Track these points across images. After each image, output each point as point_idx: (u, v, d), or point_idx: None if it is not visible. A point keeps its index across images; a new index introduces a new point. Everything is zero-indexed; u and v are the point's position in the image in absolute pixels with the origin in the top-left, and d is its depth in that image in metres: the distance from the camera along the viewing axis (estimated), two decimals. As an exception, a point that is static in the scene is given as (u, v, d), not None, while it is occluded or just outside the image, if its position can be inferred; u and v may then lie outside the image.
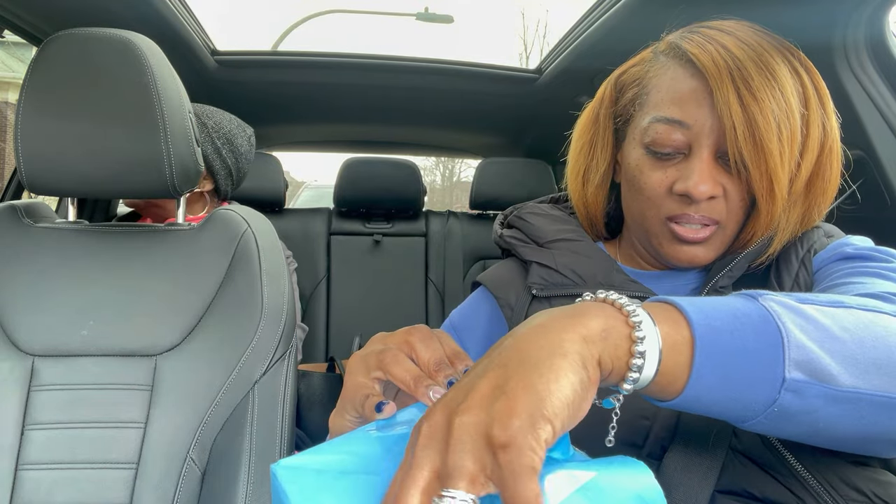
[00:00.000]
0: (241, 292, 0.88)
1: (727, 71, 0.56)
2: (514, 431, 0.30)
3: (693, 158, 0.59)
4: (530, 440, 0.30)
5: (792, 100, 0.56)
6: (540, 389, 0.32)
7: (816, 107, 0.58)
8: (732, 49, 0.57)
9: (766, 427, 0.41)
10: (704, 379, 0.39)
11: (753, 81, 0.55)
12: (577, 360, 0.34)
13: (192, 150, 0.92)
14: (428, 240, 2.15)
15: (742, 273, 0.62)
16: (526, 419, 0.30)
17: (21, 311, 0.86)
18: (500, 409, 0.31)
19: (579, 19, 1.43)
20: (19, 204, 0.95)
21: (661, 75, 0.62)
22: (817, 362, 0.39)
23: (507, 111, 2.07)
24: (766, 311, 0.41)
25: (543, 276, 0.66)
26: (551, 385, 0.32)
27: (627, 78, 0.68)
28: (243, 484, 0.79)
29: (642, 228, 0.65)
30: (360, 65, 1.77)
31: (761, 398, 0.39)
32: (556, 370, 0.33)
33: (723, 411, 0.40)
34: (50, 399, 0.83)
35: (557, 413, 0.31)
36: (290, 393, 0.87)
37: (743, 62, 0.56)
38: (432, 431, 0.32)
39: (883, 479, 0.51)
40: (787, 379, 0.38)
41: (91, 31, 0.86)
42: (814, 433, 0.41)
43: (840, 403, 0.40)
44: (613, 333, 0.38)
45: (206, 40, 1.61)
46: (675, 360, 0.39)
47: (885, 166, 0.96)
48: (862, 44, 0.97)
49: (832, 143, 0.60)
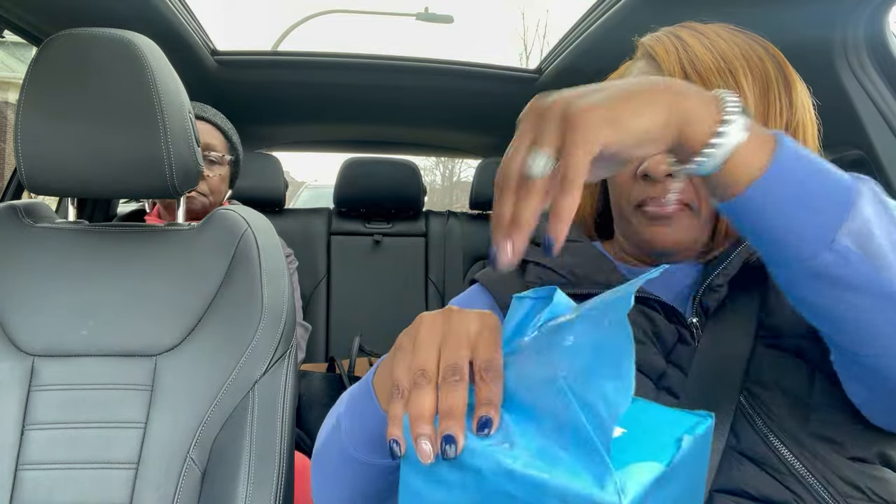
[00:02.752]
0: (241, 292, 0.88)
1: (676, 55, 0.59)
2: (586, 122, 0.38)
3: None
4: (594, 130, 0.38)
5: (743, 81, 0.58)
6: (620, 109, 0.39)
7: (778, 90, 0.60)
8: (687, 39, 0.61)
9: (798, 285, 0.43)
10: (771, 186, 0.41)
11: (699, 62, 0.58)
12: (664, 108, 0.40)
13: (192, 150, 0.92)
14: (428, 240, 2.15)
15: (737, 271, 0.62)
16: (597, 118, 0.38)
17: (21, 310, 0.86)
18: (583, 104, 0.39)
19: (579, 19, 1.43)
20: (19, 204, 0.95)
21: (629, 73, 0.66)
22: (870, 240, 0.40)
23: (507, 111, 2.06)
24: (852, 182, 0.42)
25: (540, 276, 0.66)
26: (632, 113, 0.39)
27: None
28: (243, 484, 0.79)
29: (622, 220, 0.66)
30: (360, 65, 1.77)
31: (809, 243, 0.41)
32: (643, 104, 0.40)
33: (770, 235, 0.42)
34: (50, 399, 0.83)
35: (624, 132, 0.39)
36: (290, 393, 0.87)
37: (694, 49, 0.59)
38: (534, 112, 0.41)
39: (880, 476, 0.51)
40: (836, 239, 0.40)
41: (91, 31, 0.86)
42: (837, 317, 0.43)
43: (874, 295, 0.41)
44: (703, 106, 0.41)
45: (206, 40, 1.61)
46: (752, 153, 0.41)
47: (885, 166, 0.96)
48: (862, 43, 0.97)
49: (798, 124, 0.60)
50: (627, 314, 0.35)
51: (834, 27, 0.95)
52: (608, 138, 0.38)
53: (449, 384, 0.38)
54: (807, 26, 0.96)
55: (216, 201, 1.48)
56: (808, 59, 0.62)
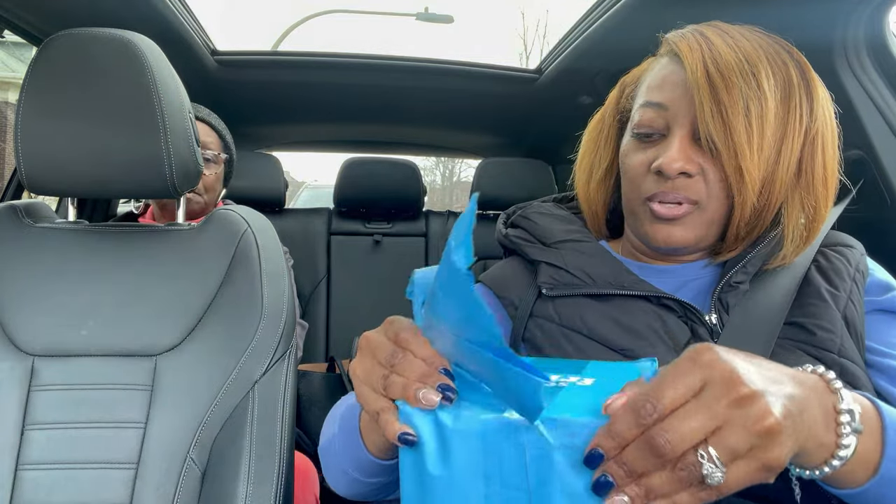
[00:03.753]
0: (241, 292, 0.88)
1: (700, 53, 0.59)
2: (781, 448, 0.36)
3: (670, 137, 0.61)
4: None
5: (765, 83, 0.58)
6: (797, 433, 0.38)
7: (800, 96, 0.59)
8: (712, 38, 0.60)
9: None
10: (883, 487, 0.42)
11: (723, 61, 0.58)
12: (795, 441, 0.38)
13: (192, 150, 0.92)
14: (428, 240, 2.14)
15: (757, 269, 0.63)
16: (789, 445, 0.37)
17: (21, 311, 0.86)
18: (780, 424, 0.36)
19: (579, 19, 1.43)
20: (19, 204, 0.95)
21: (652, 69, 0.66)
22: None
23: (507, 111, 2.07)
24: None
25: (553, 276, 0.67)
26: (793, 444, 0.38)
27: (629, 78, 0.71)
28: (243, 484, 0.79)
29: (631, 213, 0.67)
30: (360, 65, 1.77)
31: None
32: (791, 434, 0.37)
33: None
34: (50, 399, 0.83)
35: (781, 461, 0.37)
36: (290, 393, 0.87)
37: (718, 48, 0.59)
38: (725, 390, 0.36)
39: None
40: None
41: (91, 31, 0.85)
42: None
43: None
44: (824, 431, 0.41)
45: (206, 40, 1.61)
46: (862, 459, 0.42)
47: (885, 166, 0.96)
48: (862, 44, 0.97)
49: (817, 133, 0.60)
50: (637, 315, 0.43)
51: (834, 27, 0.95)
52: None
53: (402, 362, 0.43)
54: (807, 26, 0.96)
55: (211, 200, 1.49)
56: (809, 59, 0.62)
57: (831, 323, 0.58)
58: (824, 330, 0.58)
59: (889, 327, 0.61)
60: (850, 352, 0.57)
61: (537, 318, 0.66)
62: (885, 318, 0.61)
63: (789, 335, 0.59)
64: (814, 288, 0.61)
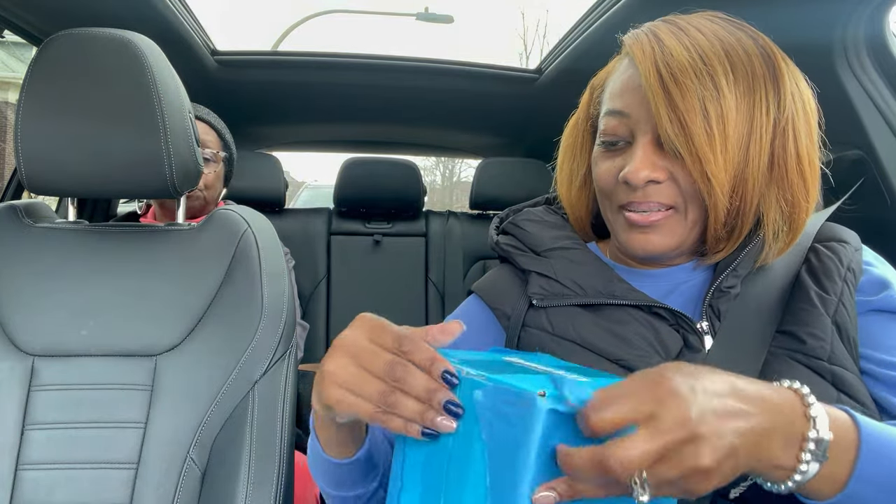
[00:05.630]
0: (241, 292, 0.88)
1: (652, 56, 0.57)
2: (720, 469, 0.40)
3: (635, 145, 0.60)
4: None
5: (723, 81, 0.55)
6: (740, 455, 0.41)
7: (765, 87, 0.57)
8: (664, 38, 0.58)
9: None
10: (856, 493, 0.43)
11: (675, 63, 0.56)
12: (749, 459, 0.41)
13: (192, 150, 0.92)
14: (428, 240, 2.14)
15: (748, 271, 0.62)
16: (730, 465, 0.40)
17: (21, 311, 0.86)
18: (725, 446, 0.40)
19: (579, 19, 1.43)
20: (19, 204, 0.95)
21: (614, 73, 0.65)
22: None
23: (506, 111, 2.07)
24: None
25: (543, 286, 0.66)
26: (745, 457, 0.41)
27: (597, 80, 0.70)
28: (243, 484, 0.79)
29: (608, 221, 0.66)
30: (360, 65, 1.77)
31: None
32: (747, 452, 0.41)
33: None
34: (50, 399, 0.83)
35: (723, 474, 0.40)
36: (290, 393, 0.87)
37: (670, 49, 0.57)
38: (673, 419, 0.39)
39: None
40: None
41: (91, 31, 0.85)
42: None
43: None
44: (784, 452, 0.43)
45: (206, 40, 1.61)
46: (831, 473, 0.43)
47: (885, 166, 0.96)
48: (862, 44, 0.97)
49: (787, 122, 0.58)
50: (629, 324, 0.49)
51: (834, 27, 0.95)
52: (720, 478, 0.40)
53: (404, 377, 0.44)
54: (807, 26, 0.96)
55: (211, 198, 1.49)
56: (808, 59, 0.62)
57: (822, 329, 0.57)
58: (815, 338, 0.57)
59: (883, 329, 0.59)
60: (841, 358, 0.56)
61: (530, 329, 0.65)
62: (879, 319, 0.59)
63: (780, 344, 0.58)
64: (804, 291, 0.60)
